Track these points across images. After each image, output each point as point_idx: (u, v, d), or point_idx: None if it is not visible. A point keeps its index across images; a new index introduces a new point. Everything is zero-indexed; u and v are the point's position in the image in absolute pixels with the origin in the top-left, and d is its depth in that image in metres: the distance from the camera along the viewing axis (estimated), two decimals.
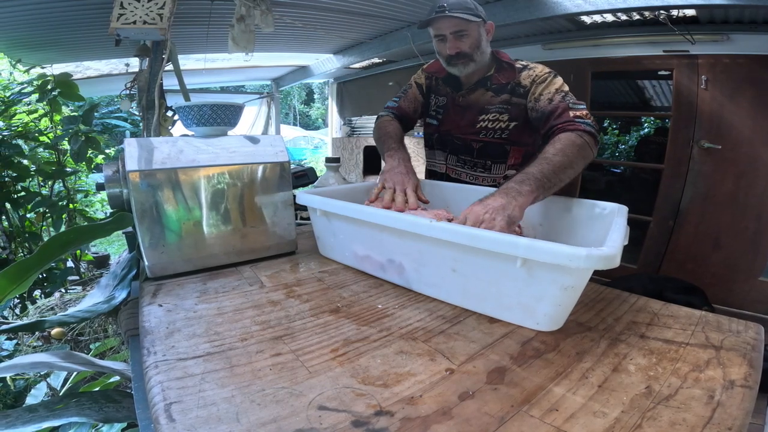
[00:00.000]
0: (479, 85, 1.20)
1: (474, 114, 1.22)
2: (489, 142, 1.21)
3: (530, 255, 0.61)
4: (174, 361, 0.57)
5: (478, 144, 1.23)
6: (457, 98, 1.25)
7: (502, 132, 1.18)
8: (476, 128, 1.22)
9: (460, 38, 1.11)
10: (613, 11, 2.33)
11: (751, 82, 2.24)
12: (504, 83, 1.16)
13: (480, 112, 1.20)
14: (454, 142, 1.29)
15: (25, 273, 0.72)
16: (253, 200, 0.96)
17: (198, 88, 5.73)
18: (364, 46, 3.95)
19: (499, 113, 1.18)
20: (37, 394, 1.41)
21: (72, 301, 2.12)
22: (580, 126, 0.97)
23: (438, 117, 1.31)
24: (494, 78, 1.18)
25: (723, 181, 2.38)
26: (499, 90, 1.17)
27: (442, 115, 1.30)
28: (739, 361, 0.58)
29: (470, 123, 1.22)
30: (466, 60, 1.13)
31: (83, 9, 2.45)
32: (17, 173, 2.32)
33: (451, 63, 1.16)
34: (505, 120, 1.17)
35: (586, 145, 0.95)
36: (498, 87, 1.17)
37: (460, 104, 1.25)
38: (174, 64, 1.51)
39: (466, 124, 1.23)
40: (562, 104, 1.03)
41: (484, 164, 1.25)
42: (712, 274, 2.40)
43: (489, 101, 1.19)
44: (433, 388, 0.52)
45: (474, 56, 1.13)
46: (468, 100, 1.23)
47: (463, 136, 1.25)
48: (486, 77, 1.19)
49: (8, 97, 2.39)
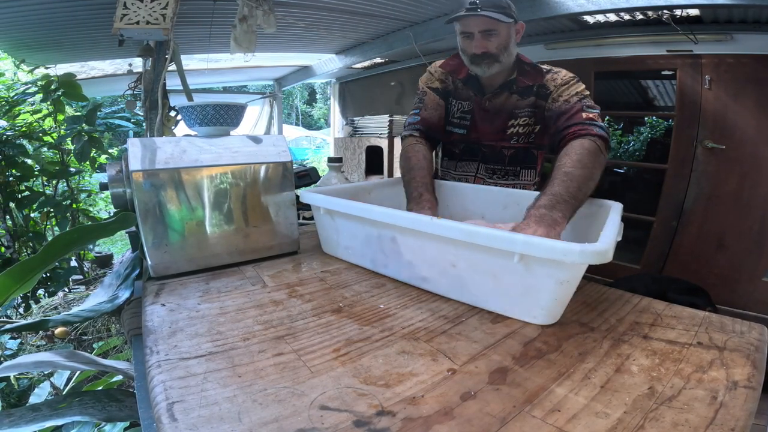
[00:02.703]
0: (504, 89, 1.14)
1: (504, 119, 1.16)
2: (519, 148, 1.17)
3: (527, 251, 0.63)
4: (176, 360, 0.57)
5: (510, 151, 1.18)
6: (483, 102, 1.17)
7: (530, 136, 1.15)
8: (507, 134, 1.16)
9: (489, 37, 1.05)
10: (616, 11, 2.32)
11: (755, 81, 2.23)
12: (530, 85, 1.11)
13: (509, 117, 1.15)
14: (483, 151, 1.22)
15: (29, 272, 0.73)
16: (256, 200, 0.96)
17: (201, 88, 5.74)
18: (366, 46, 3.95)
19: (528, 117, 1.13)
20: (41, 393, 1.41)
21: (75, 301, 2.13)
22: (593, 130, 0.94)
23: (464, 124, 1.22)
24: (519, 81, 1.12)
25: (727, 181, 2.37)
26: (524, 93, 1.12)
27: (470, 122, 1.21)
28: (742, 361, 0.58)
29: (501, 129, 1.16)
30: (491, 61, 1.07)
31: (87, 9, 2.46)
32: (21, 173, 2.33)
33: (474, 62, 1.10)
34: (532, 123, 1.14)
35: (599, 151, 0.92)
36: (524, 89, 1.12)
37: (486, 108, 1.17)
38: (177, 64, 1.51)
39: (496, 130, 1.17)
40: (577, 105, 1.00)
41: (515, 171, 1.21)
42: (715, 274, 2.39)
43: (516, 105, 1.14)
44: (435, 389, 0.52)
45: (500, 57, 1.07)
46: (495, 103, 1.16)
47: (494, 143, 1.19)
48: (510, 80, 1.13)
49: (12, 97, 2.40)
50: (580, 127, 0.96)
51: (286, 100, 17.59)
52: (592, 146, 0.91)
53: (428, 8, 2.91)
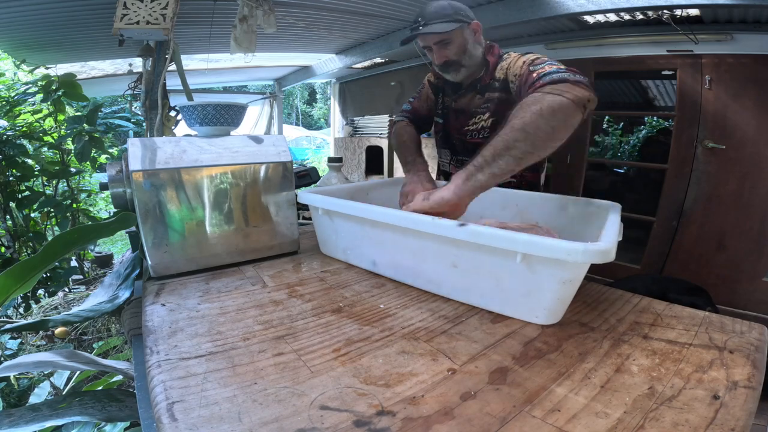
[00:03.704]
0: (470, 89, 1.20)
1: (465, 118, 1.23)
2: (477, 143, 1.19)
3: (530, 250, 0.63)
4: (176, 360, 0.57)
5: (470, 145, 1.24)
6: (451, 102, 1.27)
7: (485, 131, 1.19)
8: (464, 131, 1.24)
9: (445, 47, 1.10)
10: (616, 11, 2.32)
11: (756, 81, 2.23)
12: (488, 82, 1.15)
13: (470, 116, 1.22)
14: (453, 143, 1.32)
15: (29, 272, 0.73)
16: (256, 200, 0.96)
17: (201, 88, 5.75)
18: (366, 46, 3.95)
19: (481, 113, 1.18)
20: (41, 393, 1.41)
21: (76, 301, 2.13)
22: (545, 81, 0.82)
23: (443, 116, 1.33)
24: (483, 79, 1.16)
25: (727, 181, 2.37)
26: (484, 90, 1.17)
27: (444, 115, 1.32)
28: (742, 362, 0.58)
29: (462, 126, 1.25)
30: (456, 66, 1.13)
31: (87, 9, 2.46)
32: (22, 173, 2.34)
33: (441, 70, 1.16)
34: (486, 118, 1.17)
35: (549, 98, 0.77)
36: (483, 87, 1.17)
37: (455, 108, 1.26)
38: (177, 64, 1.51)
39: (459, 127, 1.26)
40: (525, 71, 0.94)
41: None
42: (715, 274, 2.39)
43: (477, 104, 1.19)
44: (435, 388, 0.52)
45: (462, 61, 1.12)
46: (460, 104, 1.24)
47: (460, 137, 1.28)
48: (477, 79, 1.18)
49: (13, 98, 2.40)
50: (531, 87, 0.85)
51: (287, 100, 17.59)
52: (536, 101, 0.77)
53: None
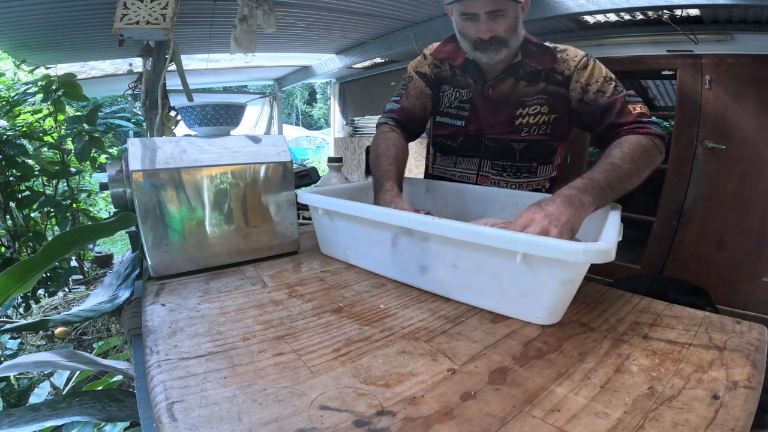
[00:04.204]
0: (508, 74, 1.02)
1: (510, 109, 1.03)
2: (533, 141, 1.05)
3: (530, 250, 0.63)
4: (176, 360, 0.57)
5: (521, 144, 1.06)
6: (486, 90, 1.05)
7: (546, 127, 1.03)
8: (516, 125, 1.04)
9: (496, 19, 0.91)
10: (616, 11, 2.32)
11: (756, 81, 2.23)
12: (538, 69, 0.99)
13: (517, 106, 1.03)
14: (488, 146, 1.09)
15: (29, 272, 0.73)
16: (256, 200, 0.96)
17: (201, 88, 5.75)
18: (366, 46, 3.95)
19: (539, 105, 1.01)
20: (41, 393, 1.42)
21: (75, 301, 2.13)
22: (651, 129, 0.86)
23: (462, 115, 1.10)
24: (525, 64, 1.00)
25: (727, 181, 2.37)
26: (532, 78, 1.00)
27: (469, 113, 1.09)
28: (742, 362, 0.58)
29: (507, 120, 1.04)
30: (499, 46, 0.95)
31: (87, 9, 2.46)
32: (22, 173, 2.34)
33: (479, 48, 0.96)
34: (546, 113, 1.02)
35: (656, 150, 0.84)
36: (531, 74, 1.00)
37: (489, 98, 1.05)
38: (177, 64, 1.51)
39: (502, 122, 1.05)
40: (619, 98, 0.90)
41: (529, 168, 1.09)
42: (715, 274, 2.39)
43: (524, 92, 1.02)
44: (435, 388, 0.52)
45: (509, 41, 0.95)
46: (499, 91, 1.03)
47: (501, 136, 1.07)
48: (515, 63, 1.00)
49: (13, 98, 2.41)
50: (636, 125, 0.88)
51: (286, 100, 17.59)
52: (648, 143, 0.84)
53: (428, 8, 2.91)
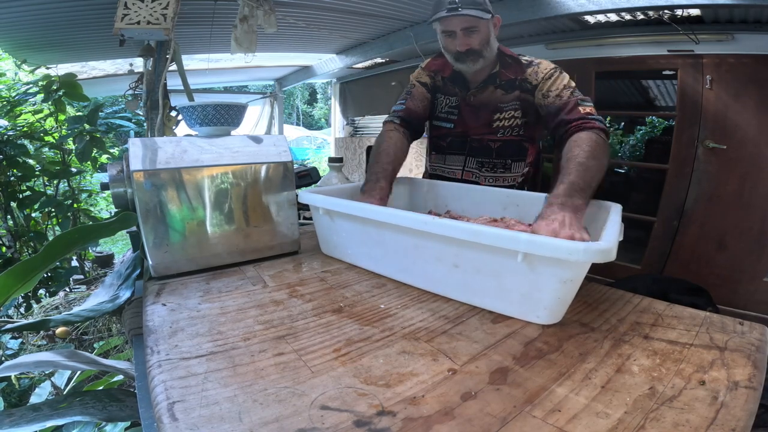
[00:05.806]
0: (488, 83, 1.18)
1: (488, 113, 1.20)
2: (507, 141, 1.20)
3: (531, 249, 0.63)
4: (177, 360, 0.57)
5: (497, 144, 1.22)
6: (468, 97, 1.22)
7: (519, 129, 1.18)
8: (493, 127, 1.20)
9: (470, 35, 1.10)
10: (617, 11, 2.31)
11: (756, 81, 2.22)
12: (512, 78, 1.15)
13: (494, 111, 1.19)
14: (471, 145, 1.26)
15: (30, 272, 0.73)
16: (257, 200, 0.96)
17: (201, 88, 5.75)
18: (367, 46, 3.95)
19: (513, 110, 1.17)
20: (42, 392, 1.41)
21: (76, 301, 2.13)
22: (596, 124, 0.98)
23: (452, 119, 1.27)
24: (501, 74, 1.16)
25: (728, 181, 2.36)
26: (508, 86, 1.16)
27: (457, 116, 1.26)
28: (743, 362, 0.58)
29: (486, 122, 1.21)
30: (475, 57, 1.12)
31: (88, 9, 2.46)
32: (22, 173, 2.34)
33: (459, 59, 1.14)
34: (519, 117, 1.17)
35: (605, 143, 0.96)
36: (507, 83, 1.16)
37: (472, 104, 1.22)
38: (178, 64, 1.51)
39: (482, 124, 1.22)
40: (572, 99, 1.04)
41: (504, 164, 1.24)
42: (716, 274, 2.39)
43: (501, 99, 1.18)
44: (436, 389, 0.52)
45: (483, 53, 1.12)
46: (480, 98, 1.21)
47: (480, 136, 1.23)
48: (493, 74, 1.17)
49: (13, 98, 2.41)
50: (583, 120, 1.00)
51: (287, 100, 17.60)
52: (599, 138, 0.95)
53: (428, 8, 2.91)
